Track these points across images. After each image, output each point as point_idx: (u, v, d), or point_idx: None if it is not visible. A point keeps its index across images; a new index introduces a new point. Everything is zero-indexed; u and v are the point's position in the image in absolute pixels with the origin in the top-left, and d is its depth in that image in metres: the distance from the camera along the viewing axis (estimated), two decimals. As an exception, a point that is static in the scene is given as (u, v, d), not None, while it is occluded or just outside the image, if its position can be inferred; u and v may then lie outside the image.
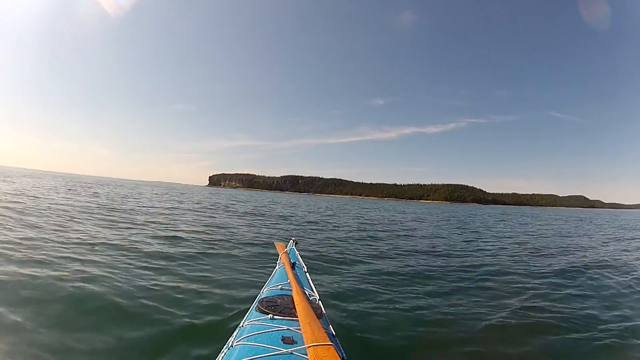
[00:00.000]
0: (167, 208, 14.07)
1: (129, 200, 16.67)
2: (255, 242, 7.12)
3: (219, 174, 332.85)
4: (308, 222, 13.09)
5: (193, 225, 9.09)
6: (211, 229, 8.64)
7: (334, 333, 1.80)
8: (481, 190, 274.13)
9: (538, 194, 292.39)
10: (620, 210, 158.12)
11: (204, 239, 6.93)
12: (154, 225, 8.43)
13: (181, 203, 18.36)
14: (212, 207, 16.73)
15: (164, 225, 8.49)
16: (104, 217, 8.97)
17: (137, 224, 8.24)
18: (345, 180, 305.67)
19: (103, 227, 7.22)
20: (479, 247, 8.66)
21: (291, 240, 3.47)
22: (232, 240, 6.99)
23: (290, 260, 2.64)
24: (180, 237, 6.82)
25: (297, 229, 10.45)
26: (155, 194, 28.19)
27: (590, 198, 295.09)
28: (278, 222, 12.11)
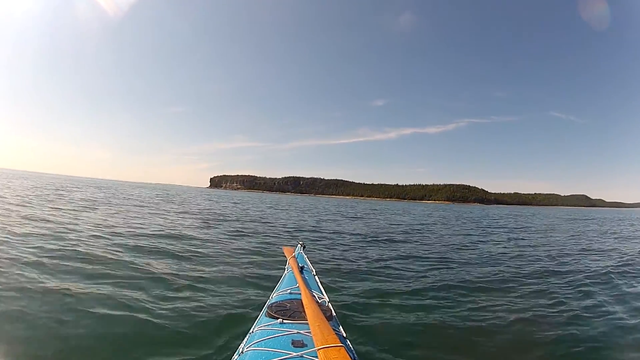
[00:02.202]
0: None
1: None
2: (263, 247, 7.12)
3: (220, 176, 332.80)
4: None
5: (199, 231, 9.10)
6: (217, 234, 8.66)
7: (344, 335, 1.81)
8: (483, 190, 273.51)
9: (540, 194, 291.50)
10: (623, 209, 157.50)
11: (209, 243, 6.93)
12: (159, 230, 8.46)
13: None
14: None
15: (169, 231, 8.52)
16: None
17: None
18: (346, 181, 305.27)
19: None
20: (499, 252, 8.45)
21: (299, 245, 3.47)
22: (240, 247, 6.99)
23: (298, 264, 2.65)
24: (188, 245, 6.82)
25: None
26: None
27: (592, 197, 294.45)
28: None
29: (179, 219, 11.45)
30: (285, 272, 2.67)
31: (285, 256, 3.10)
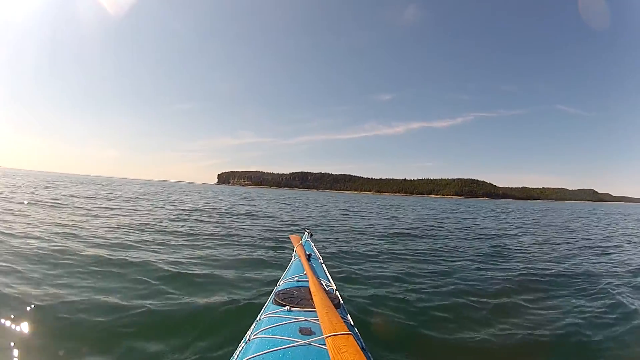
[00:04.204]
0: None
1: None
2: (271, 235, 7.14)
3: (228, 172, 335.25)
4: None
5: (206, 220, 9.15)
6: (225, 224, 8.68)
7: (352, 322, 1.79)
8: (491, 184, 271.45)
9: (548, 188, 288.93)
10: (631, 204, 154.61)
11: (219, 234, 6.96)
12: (165, 220, 8.53)
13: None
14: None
15: (176, 222, 8.56)
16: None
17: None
18: (354, 176, 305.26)
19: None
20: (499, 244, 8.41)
21: (306, 232, 3.45)
22: (247, 235, 7.01)
23: (305, 252, 2.63)
24: (194, 233, 6.86)
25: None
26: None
27: (599, 192, 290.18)
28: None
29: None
30: (293, 259, 2.66)
31: (292, 244, 3.08)
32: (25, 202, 10.42)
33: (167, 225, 8.02)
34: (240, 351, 1.52)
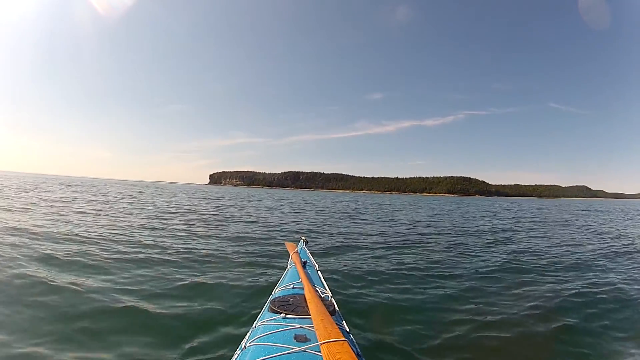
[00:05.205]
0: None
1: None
2: (266, 242, 7.08)
3: (220, 172, 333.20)
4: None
5: (201, 226, 9.08)
6: (220, 229, 8.64)
7: (347, 329, 1.79)
8: (484, 182, 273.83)
9: (541, 185, 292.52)
10: (623, 200, 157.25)
11: (213, 240, 6.93)
12: (157, 224, 8.47)
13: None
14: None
15: (172, 227, 8.49)
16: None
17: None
18: (347, 175, 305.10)
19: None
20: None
21: (301, 240, 3.45)
22: (243, 242, 6.97)
23: (301, 260, 2.64)
24: (188, 239, 6.83)
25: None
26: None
27: (593, 188, 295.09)
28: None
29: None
30: (288, 267, 2.65)
31: (288, 251, 3.09)
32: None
33: (155, 227, 7.98)
34: (236, 358, 1.53)
